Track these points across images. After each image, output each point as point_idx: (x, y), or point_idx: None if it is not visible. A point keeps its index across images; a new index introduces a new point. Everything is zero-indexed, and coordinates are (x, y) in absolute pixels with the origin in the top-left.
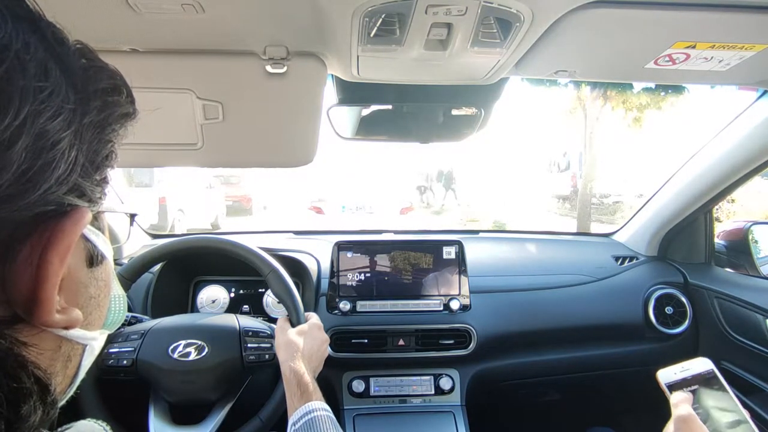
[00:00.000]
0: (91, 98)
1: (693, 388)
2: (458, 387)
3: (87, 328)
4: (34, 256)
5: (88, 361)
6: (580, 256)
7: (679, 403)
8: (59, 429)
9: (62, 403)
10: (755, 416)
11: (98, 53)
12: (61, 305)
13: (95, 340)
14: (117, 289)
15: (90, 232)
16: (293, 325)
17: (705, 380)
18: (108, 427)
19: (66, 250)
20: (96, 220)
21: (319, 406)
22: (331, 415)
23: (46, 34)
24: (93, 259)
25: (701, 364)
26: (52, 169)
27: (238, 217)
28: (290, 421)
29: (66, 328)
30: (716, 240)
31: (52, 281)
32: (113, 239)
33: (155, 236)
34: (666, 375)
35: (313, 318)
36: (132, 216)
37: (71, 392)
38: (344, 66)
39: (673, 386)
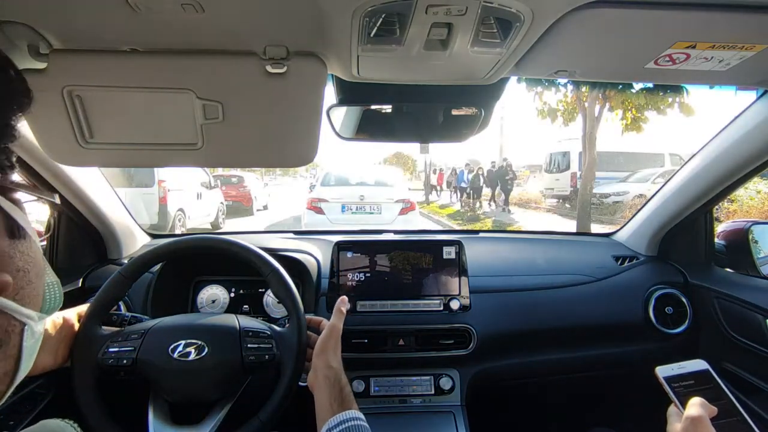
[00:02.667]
0: None
1: (689, 382)
2: (458, 387)
3: (21, 302)
4: None
5: (30, 343)
6: (580, 256)
7: (693, 404)
8: (27, 428)
9: (18, 382)
10: (755, 416)
11: (98, 53)
12: None
13: (33, 321)
14: (50, 276)
15: (5, 204)
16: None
17: (700, 376)
18: (77, 426)
19: None
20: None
21: (359, 415)
22: (368, 427)
23: None
24: (13, 230)
25: (697, 363)
26: None
27: (238, 217)
28: (325, 426)
29: None
30: (716, 240)
31: None
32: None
33: (155, 236)
34: (664, 370)
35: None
36: (53, 204)
37: (18, 380)
38: (344, 66)
39: (670, 380)
